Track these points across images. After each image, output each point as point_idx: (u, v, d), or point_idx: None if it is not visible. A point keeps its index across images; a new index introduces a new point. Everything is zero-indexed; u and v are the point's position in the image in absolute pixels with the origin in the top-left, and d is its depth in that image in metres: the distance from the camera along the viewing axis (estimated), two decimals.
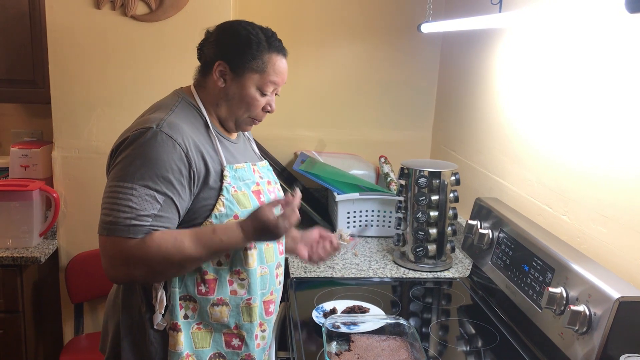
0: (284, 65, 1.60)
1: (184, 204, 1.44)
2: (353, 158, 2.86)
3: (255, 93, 1.54)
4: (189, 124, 1.49)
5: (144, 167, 1.38)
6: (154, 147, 1.39)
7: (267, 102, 1.57)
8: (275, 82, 1.56)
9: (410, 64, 2.93)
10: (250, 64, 1.52)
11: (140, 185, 1.37)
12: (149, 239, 1.37)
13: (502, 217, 1.86)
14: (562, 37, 1.79)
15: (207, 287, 1.49)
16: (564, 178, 1.75)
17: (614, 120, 1.52)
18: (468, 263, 2.25)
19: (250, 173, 1.57)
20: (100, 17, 2.37)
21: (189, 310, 1.50)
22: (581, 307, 1.33)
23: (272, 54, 1.56)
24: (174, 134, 1.41)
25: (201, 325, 1.51)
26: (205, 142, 1.49)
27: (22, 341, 2.40)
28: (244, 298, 1.52)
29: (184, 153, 1.41)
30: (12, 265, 2.32)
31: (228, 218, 1.47)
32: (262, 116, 1.60)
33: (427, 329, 1.76)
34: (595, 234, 1.59)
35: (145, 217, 1.37)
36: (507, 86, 2.16)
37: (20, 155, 2.61)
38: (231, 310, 1.51)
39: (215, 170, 1.47)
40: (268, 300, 1.59)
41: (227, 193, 1.47)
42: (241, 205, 1.49)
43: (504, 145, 2.17)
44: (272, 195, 1.62)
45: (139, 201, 1.37)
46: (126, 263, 1.38)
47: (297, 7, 2.84)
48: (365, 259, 2.29)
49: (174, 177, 1.40)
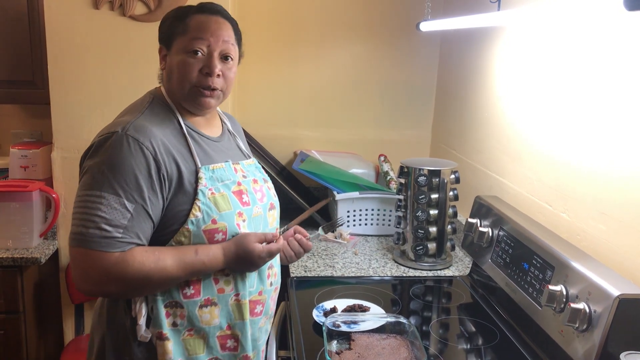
0: (210, 21, 1.45)
1: (156, 211, 1.37)
2: (353, 157, 2.86)
3: (184, 57, 1.42)
4: (159, 124, 1.42)
5: (112, 174, 1.32)
6: (121, 152, 1.33)
7: (204, 64, 1.43)
8: (200, 37, 1.42)
9: (410, 63, 2.94)
10: (176, 32, 1.45)
11: (108, 193, 1.31)
12: (130, 257, 1.32)
13: (501, 215, 1.86)
14: (562, 35, 1.79)
15: (192, 289, 1.43)
16: (564, 176, 1.75)
17: (613, 118, 1.52)
18: (468, 261, 2.25)
19: (230, 172, 1.50)
20: (99, 18, 2.37)
21: (177, 318, 1.43)
22: (581, 305, 1.33)
23: (196, 15, 1.45)
24: (141, 136, 1.35)
25: (192, 332, 1.44)
26: (177, 143, 1.42)
27: (23, 342, 2.40)
28: (232, 295, 1.47)
29: (152, 156, 1.34)
30: (12, 266, 2.32)
31: (205, 224, 1.39)
32: (205, 82, 1.43)
33: (427, 327, 1.76)
34: (595, 231, 1.59)
35: (117, 228, 1.31)
36: (506, 84, 2.16)
37: (19, 156, 2.61)
38: (221, 310, 1.46)
39: (189, 172, 1.40)
40: (255, 300, 1.52)
41: (202, 197, 1.40)
42: (220, 208, 1.41)
43: (504, 144, 2.17)
44: (259, 194, 1.55)
45: (108, 210, 1.30)
46: (102, 278, 1.32)
47: (296, 7, 2.84)
48: (365, 257, 2.29)
49: (143, 183, 1.33)
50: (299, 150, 2.83)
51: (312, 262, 2.21)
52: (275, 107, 2.93)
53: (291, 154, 2.94)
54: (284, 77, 2.90)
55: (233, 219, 1.43)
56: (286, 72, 2.90)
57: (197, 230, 1.39)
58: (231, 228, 1.43)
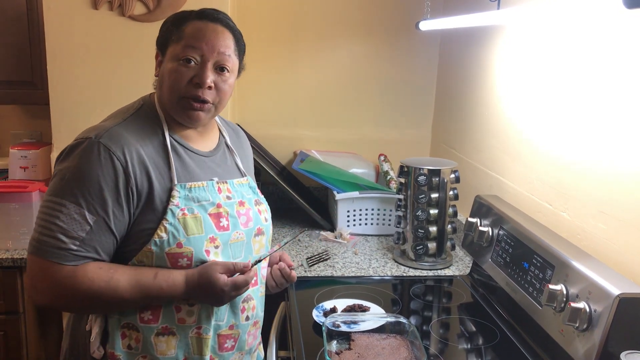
0: (207, 28, 1.35)
1: (120, 226, 1.28)
2: (352, 157, 2.86)
3: (174, 64, 1.33)
4: (140, 134, 1.33)
5: (76, 183, 1.24)
6: (89, 160, 1.25)
7: (195, 74, 1.33)
8: (193, 45, 1.32)
9: (409, 62, 2.93)
10: (171, 38, 1.36)
11: (69, 202, 1.24)
12: (82, 272, 1.24)
13: (502, 214, 1.85)
14: (561, 33, 1.78)
15: (150, 315, 1.33)
16: (564, 175, 1.75)
17: (614, 117, 1.52)
18: (468, 261, 2.25)
19: (212, 192, 1.38)
20: (98, 18, 2.36)
21: (132, 341, 1.34)
22: (581, 304, 1.32)
23: (193, 21, 1.35)
24: (113, 145, 1.26)
25: (146, 359, 1.35)
26: (156, 156, 1.33)
27: (23, 343, 2.39)
28: (194, 327, 1.35)
29: (122, 168, 1.26)
30: (12, 266, 2.31)
31: (170, 246, 1.29)
32: (194, 92, 1.33)
33: (427, 327, 1.75)
34: (595, 230, 1.59)
35: (73, 240, 1.23)
36: (506, 83, 2.16)
37: (19, 156, 2.61)
38: (179, 341, 1.34)
39: (162, 189, 1.31)
40: (225, 334, 1.40)
41: (171, 217, 1.29)
42: (189, 231, 1.30)
43: (504, 143, 2.16)
44: (244, 218, 1.42)
45: (67, 220, 1.23)
46: (51, 291, 1.26)
47: (296, 6, 2.83)
48: (365, 257, 2.29)
49: (108, 195, 1.25)
50: (298, 150, 2.82)
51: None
52: (275, 107, 2.93)
53: (291, 154, 2.93)
54: (284, 77, 2.90)
55: (202, 245, 1.32)
56: (286, 71, 2.89)
57: (160, 252, 1.29)
58: (197, 254, 1.32)
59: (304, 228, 1.44)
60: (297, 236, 1.44)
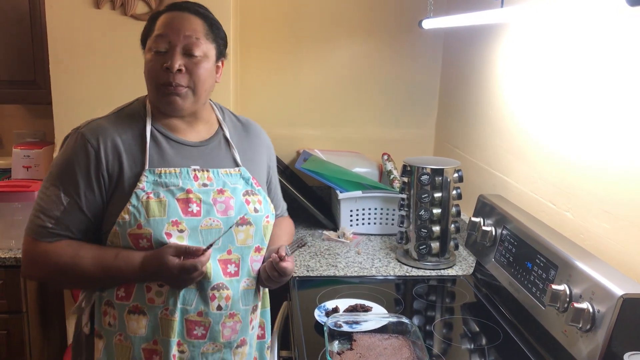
0: (172, 17, 1.42)
1: (92, 207, 1.39)
2: (356, 156, 2.85)
3: (148, 55, 1.42)
4: (122, 125, 1.43)
5: (57, 168, 1.40)
6: (69, 148, 1.40)
7: (164, 60, 1.39)
8: (161, 34, 1.40)
9: (413, 61, 2.92)
10: (147, 33, 1.46)
11: (50, 184, 1.39)
12: (52, 248, 1.37)
13: (505, 214, 1.84)
14: (566, 31, 1.77)
15: (123, 292, 1.40)
16: (568, 174, 1.73)
17: (618, 117, 1.50)
18: (472, 260, 2.24)
19: (185, 179, 1.41)
20: (100, 17, 2.36)
21: (110, 318, 1.41)
22: (584, 305, 1.31)
23: (163, 14, 1.44)
24: (90, 135, 1.39)
25: (122, 337, 1.40)
26: (133, 144, 1.41)
27: (26, 342, 2.39)
28: (162, 307, 1.39)
29: (94, 153, 1.37)
30: (15, 266, 2.32)
31: (131, 227, 1.35)
32: (166, 77, 1.39)
33: (430, 327, 1.74)
34: (598, 230, 1.57)
35: (50, 218, 1.37)
36: (510, 82, 2.15)
37: (22, 156, 2.61)
38: (149, 321, 1.39)
39: (132, 174, 1.39)
40: (193, 320, 1.41)
41: (135, 200, 1.36)
42: (150, 213, 1.35)
43: (508, 142, 2.15)
44: (221, 205, 1.43)
45: (46, 200, 1.38)
46: (29, 263, 1.41)
47: (298, 5, 2.83)
48: (368, 257, 2.28)
49: (81, 179, 1.37)
50: (301, 150, 2.82)
51: (314, 262, 2.20)
52: (278, 106, 2.92)
53: (294, 153, 2.93)
54: (287, 76, 2.89)
55: (162, 227, 1.36)
56: (288, 71, 2.89)
57: (123, 232, 1.36)
58: (156, 236, 1.35)
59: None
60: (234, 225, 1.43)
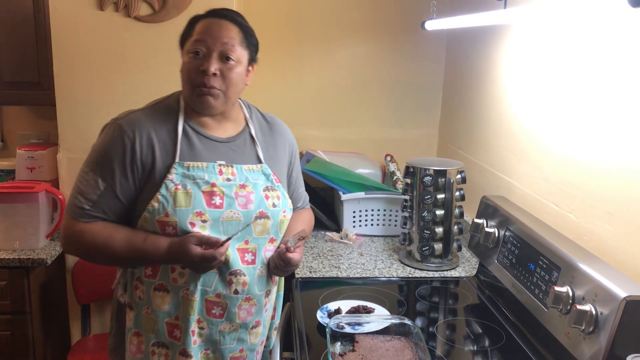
0: (213, 24, 1.51)
1: (127, 193, 1.50)
2: (358, 157, 2.85)
3: (186, 57, 1.53)
4: (156, 118, 1.53)
5: (95, 155, 1.51)
6: (107, 137, 1.51)
7: (201, 63, 1.49)
8: (199, 39, 1.49)
9: (416, 62, 2.92)
10: (186, 36, 1.55)
11: (89, 170, 1.50)
12: (89, 229, 1.50)
13: (508, 215, 1.84)
14: (569, 32, 1.77)
15: (150, 270, 1.53)
16: (571, 176, 1.73)
17: (622, 118, 1.50)
18: (474, 262, 2.23)
19: (211, 173, 1.52)
20: (104, 19, 2.37)
21: (140, 292, 1.55)
22: (587, 307, 1.31)
23: (202, 20, 1.54)
24: (127, 126, 1.49)
25: (149, 310, 1.54)
26: (166, 138, 1.52)
27: (30, 342, 2.40)
28: (183, 287, 1.52)
29: (130, 143, 1.48)
30: (19, 267, 2.32)
31: (159, 214, 1.47)
32: (201, 79, 1.48)
33: (433, 329, 1.74)
34: (601, 232, 1.57)
35: (88, 201, 1.49)
36: (513, 83, 2.14)
37: (26, 157, 2.62)
38: (172, 298, 1.52)
39: (164, 165, 1.50)
40: (212, 300, 1.53)
41: (165, 190, 1.47)
42: (177, 204, 1.47)
43: (511, 143, 2.15)
44: (242, 199, 1.53)
45: (85, 184, 1.50)
46: (67, 240, 1.54)
47: (301, 7, 2.83)
48: (371, 258, 2.28)
49: (117, 167, 1.48)
50: (304, 151, 2.82)
51: (317, 263, 2.20)
52: (280, 107, 2.90)
53: None
54: (289, 77, 2.89)
55: (187, 217, 1.47)
56: (291, 72, 2.89)
57: (152, 219, 1.48)
58: (181, 225, 1.47)
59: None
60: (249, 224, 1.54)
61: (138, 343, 1.57)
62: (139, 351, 1.57)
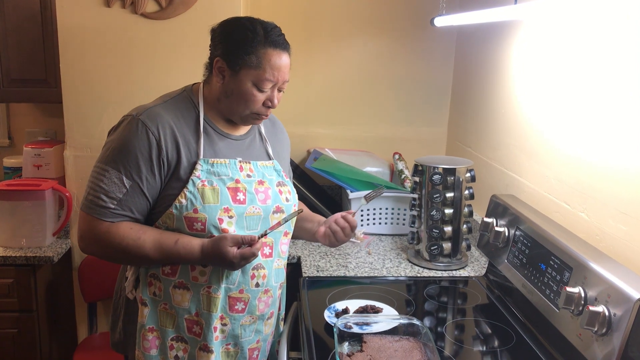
0: (281, 61, 1.52)
1: (153, 190, 1.50)
2: (367, 155, 2.83)
3: (252, 89, 1.52)
4: (176, 114, 1.54)
5: (117, 152, 1.48)
6: (129, 133, 1.48)
7: (268, 98, 1.54)
8: (271, 79, 1.51)
9: (425, 59, 2.89)
10: (245, 60, 1.49)
11: (111, 168, 1.48)
12: (116, 229, 1.48)
13: (518, 214, 1.81)
14: (581, 28, 1.74)
15: (169, 269, 1.55)
16: (583, 174, 1.70)
17: (634, 115, 1.47)
18: (484, 261, 2.21)
19: (233, 170, 1.56)
20: (111, 16, 2.36)
21: (156, 289, 1.57)
22: (600, 308, 1.29)
23: (268, 49, 1.50)
24: (149, 121, 1.49)
25: (167, 307, 1.57)
26: (188, 134, 1.53)
27: (37, 340, 2.40)
28: (204, 285, 1.54)
29: (155, 140, 1.48)
30: (25, 264, 2.32)
31: (187, 211, 1.49)
32: (264, 111, 1.57)
33: (442, 329, 1.72)
34: (614, 231, 1.54)
35: (112, 200, 1.47)
36: (524, 80, 2.12)
37: (33, 154, 2.62)
38: (192, 296, 1.55)
39: (188, 162, 1.51)
40: (235, 297, 1.58)
41: (192, 186, 1.49)
42: (205, 200, 1.49)
43: (521, 141, 2.12)
44: (261, 195, 1.59)
45: (108, 182, 1.47)
46: (90, 241, 1.52)
47: (309, 4, 2.81)
48: (379, 257, 2.26)
49: (143, 164, 1.47)
50: (312, 149, 2.80)
51: (324, 262, 2.18)
52: (288, 105, 2.89)
53: (304, 152, 2.91)
54: (297, 75, 2.86)
55: (215, 213, 1.50)
56: (299, 69, 2.85)
57: (179, 215, 1.49)
58: (210, 220, 1.50)
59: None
60: (295, 215, 1.64)
61: (153, 338, 1.59)
62: (153, 346, 1.59)
